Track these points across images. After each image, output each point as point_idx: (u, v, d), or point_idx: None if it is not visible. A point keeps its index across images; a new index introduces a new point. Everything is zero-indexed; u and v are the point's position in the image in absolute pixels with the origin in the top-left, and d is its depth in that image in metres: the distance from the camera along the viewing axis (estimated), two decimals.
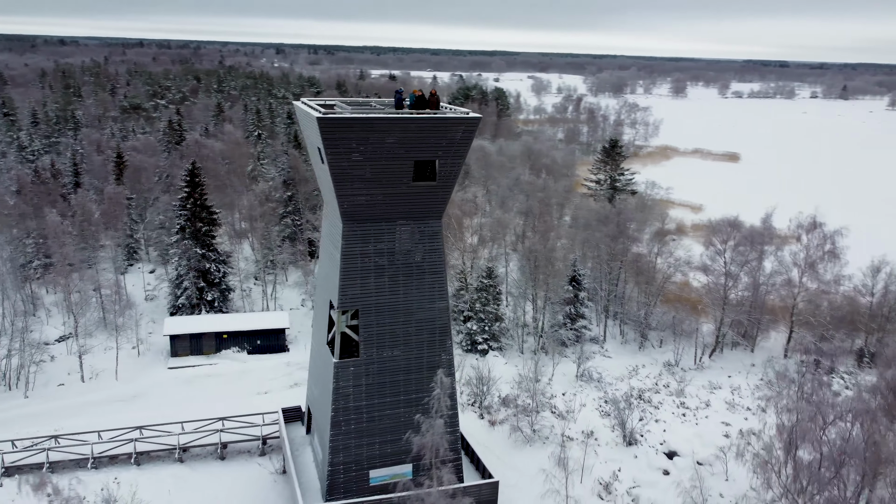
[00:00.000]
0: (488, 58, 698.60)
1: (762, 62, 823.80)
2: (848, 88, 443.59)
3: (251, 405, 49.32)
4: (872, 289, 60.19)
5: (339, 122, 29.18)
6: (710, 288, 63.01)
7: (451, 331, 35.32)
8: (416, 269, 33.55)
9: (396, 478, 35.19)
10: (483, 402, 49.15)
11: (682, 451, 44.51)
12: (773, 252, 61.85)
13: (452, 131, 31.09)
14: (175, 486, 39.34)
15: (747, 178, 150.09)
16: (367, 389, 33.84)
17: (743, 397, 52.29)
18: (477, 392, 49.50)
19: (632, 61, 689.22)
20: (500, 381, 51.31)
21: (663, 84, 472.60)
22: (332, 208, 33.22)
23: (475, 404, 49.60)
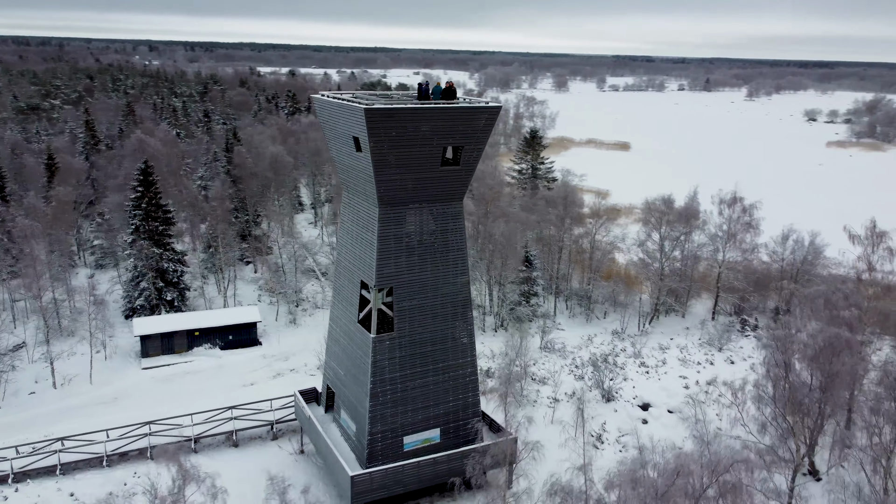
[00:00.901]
0: (372, 54, 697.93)
1: (630, 57, 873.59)
2: (710, 81, 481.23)
3: (241, 396, 50.33)
4: (782, 254, 68.84)
5: (384, 112, 31.66)
6: (647, 262, 69.64)
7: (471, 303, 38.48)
8: (441, 248, 36.51)
9: (427, 442, 38.15)
10: None
11: (654, 403, 50.11)
12: (700, 226, 69.12)
13: (477, 119, 34.31)
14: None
15: (642, 164, 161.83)
16: (400, 361, 36.46)
17: (691, 354, 58.84)
18: None
19: (512, 57, 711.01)
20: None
21: (544, 79, 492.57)
22: (362, 194, 35.47)
23: None
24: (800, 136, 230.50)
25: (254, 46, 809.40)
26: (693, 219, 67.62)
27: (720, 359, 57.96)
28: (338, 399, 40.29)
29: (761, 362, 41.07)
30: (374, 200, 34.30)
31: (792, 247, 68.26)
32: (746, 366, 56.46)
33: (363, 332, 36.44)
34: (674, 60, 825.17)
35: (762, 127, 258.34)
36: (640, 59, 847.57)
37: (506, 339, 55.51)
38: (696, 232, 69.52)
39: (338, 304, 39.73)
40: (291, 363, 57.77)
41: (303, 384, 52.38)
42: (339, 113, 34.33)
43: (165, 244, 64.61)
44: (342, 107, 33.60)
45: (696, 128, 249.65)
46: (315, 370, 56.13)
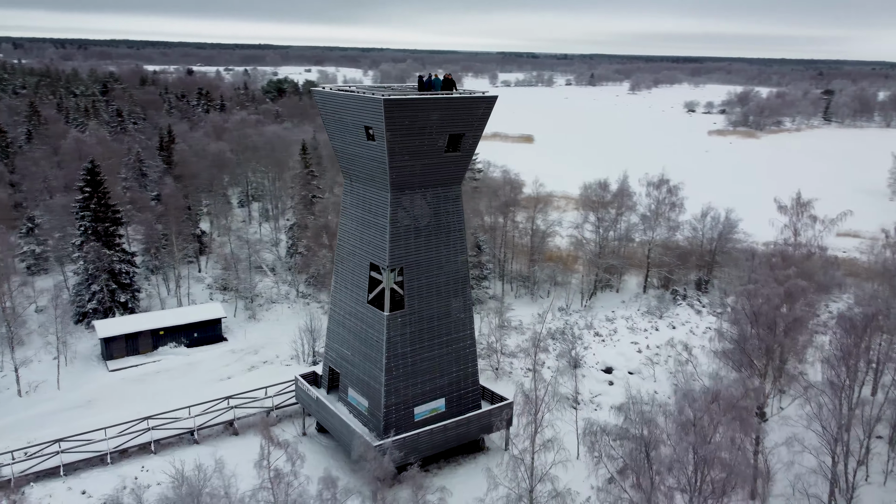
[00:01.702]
0: (260, 51, 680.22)
1: (516, 54, 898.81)
2: (595, 76, 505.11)
3: (221, 390, 50.81)
4: (702, 231, 76.18)
5: (401, 102, 34.02)
6: (584, 242, 75.05)
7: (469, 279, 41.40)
8: (443, 228, 39.25)
9: (434, 412, 40.83)
10: None
11: (615, 367, 55.04)
12: (632, 207, 75.23)
13: (477, 108, 37.30)
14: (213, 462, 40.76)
15: (549, 155, 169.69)
16: (410, 337, 38.92)
17: (637, 323, 64.50)
18: None
19: (403, 54, 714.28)
20: None
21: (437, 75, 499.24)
22: (371, 181, 37.55)
23: None
24: (685, 126, 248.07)
25: (130, 44, 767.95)
26: (627, 199, 73.53)
27: (662, 325, 63.91)
28: (344, 379, 42.12)
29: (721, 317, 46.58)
30: (385, 186, 36.53)
31: (710, 223, 75.72)
32: (686, 330, 62.68)
33: (375, 311, 38.58)
34: (557, 56, 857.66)
35: (649, 118, 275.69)
36: (525, 55, 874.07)
37: (501, 312, 58.70)
38: (628, 212, 75.60)
39: (342, 289, 41.52)
40: (262, 356, 58.48)
41: (280, 374, 53.65)
42: (349, 104, 36.25)
43: (116, 245, 63.19)
44: (355, 98, 35.59)
45: (590, 119, 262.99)
46: (290, 360, 57.25)
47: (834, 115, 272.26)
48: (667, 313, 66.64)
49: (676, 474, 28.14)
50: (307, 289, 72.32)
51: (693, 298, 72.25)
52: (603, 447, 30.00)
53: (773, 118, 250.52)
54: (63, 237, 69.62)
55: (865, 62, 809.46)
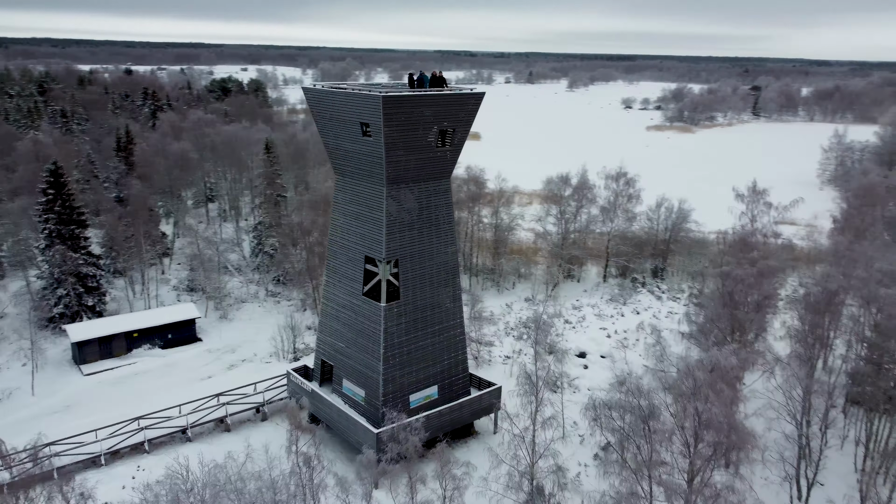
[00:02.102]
0: (193, 50, 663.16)
1: (454, 52, 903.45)
2: (533, 74, 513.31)
3: (203, 389, 50.88)
4: (657, 221, 79.76)
5: (398, 99, 35.21)
6: (547, 235, 77.53)
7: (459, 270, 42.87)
8: (434, 221, 40.62)
9: (428, 398, 42.21)
10: None
11: (588, 351, 57.50)
12: (592, 199, 78.07)
13: (466, 104, 38.81)
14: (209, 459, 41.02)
15: (498, 151, 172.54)
16: (405, 326, 40.17)
17: (603, 310, 67.27)
18: None
19: (341, 52, 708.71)
20: None
21: (377, 74, 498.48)
22: (366, 176, 38.55)
23: None
24: (624, 122, 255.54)
25: (54, 42, 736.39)
26: (587, 192, 76.31)
27: (627, 311, 66.87)
28: (338, 371, 42.99)
29: (689, 300, 49.43)
30: (381, 181, 37.64)
31: (665, 213, 79.37)
32: (649, 315, 65.80)
33: (371, 303, 39.64)
34: (495, 55, 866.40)
35: (589, 114, 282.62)
36: (463, 53, 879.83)
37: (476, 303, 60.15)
38: (588, 204, 78.44)
39: (335, 283, 42.37)
40: (240, 354, 58.53)
41: (261, 371, 54.05)
42: (344, 101, 37.18)
43: (82, 248, 62.00)
44: (352, 96, 36.57)
45: (533, 116, 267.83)
46: (269, 357, 57.53)
47: (762, 110, 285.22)
48: (630, 300, 69.68)
49: (671, 441, 30.42)
50: (276, 287, 72.38)
51: (652, 285, 75.64)
52: (603, 419, 31.90)
53: (706, 114, 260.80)
54: (19, 241, 67.67)
55: (786, 59, 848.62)
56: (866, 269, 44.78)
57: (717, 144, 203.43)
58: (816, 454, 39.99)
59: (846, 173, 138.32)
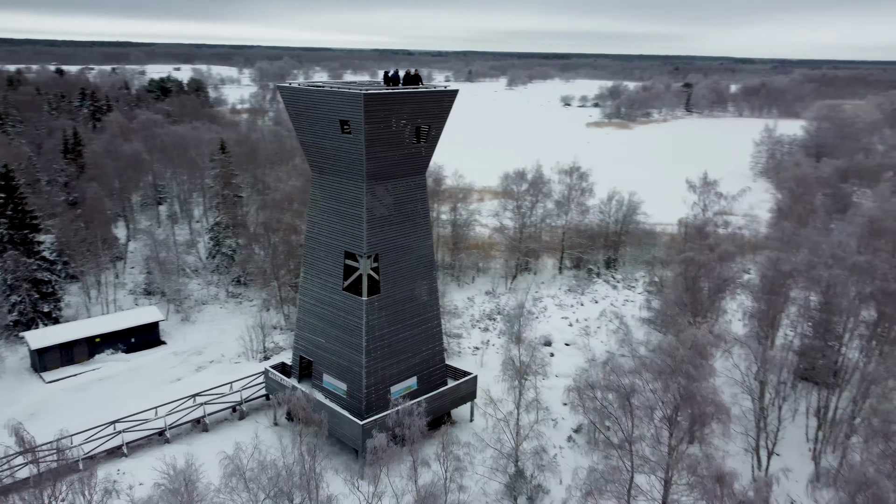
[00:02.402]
0: (122, 49, 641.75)
1: (392, 51, 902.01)
2: (473, 72, 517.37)
3: (175, 391, 50.44)
4: (609, 213, 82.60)
5: (379, 96, 35.99)
6: (504, 229, 79.33)
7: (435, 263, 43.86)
8: (411, 215, 41.54)
9: (408, 389, 43.11)
10: None
11: (553, 339, 59.42)
12: (547, 194, 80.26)
13: (441, 101, 39.89)
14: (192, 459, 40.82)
15: (445, 148, 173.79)
16: (386, 320, 40.97)
17: (563, 300, 69.43)
18: None
19: (276, 51, 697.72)
20: None
21: (315, 73, 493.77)
22: (345, 173, 39.13)
23: None
24: (564, 119, 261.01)
25: None
26: (542, 186, 78.45)
27: (586, 300, 69.24)
28: (317, 367, 43.42)
29: (649, 288, 51.77)
30: (360, 177, 38.32)
31: (616, 206, 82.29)
32: (607, 303, 68.31)
33: (352, 297, 40.28)
34: (433, 53, 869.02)
35: (529, 112, 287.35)
36: (401, 52, 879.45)
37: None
38: (543, 199, 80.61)
39: (313, 280, 42.77)
40: (207, 356, 58.07)
41: (232, 371, 53.89)
42: (325, 100, 37.70)
43: (36, 253, 60.25)
44: (332, 93, 37.13)
45: (475, 114, 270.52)
46: (238, 357, 57.29)
47: (694, 106, 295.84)
48: (587, 290, 72.12)
49: (652, 416, 32.32)
50: (237, 288, 71.79)
51: (607, 275, 78.39)
52: (587, 400, 33.54)
53: (643, 110, 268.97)
54: None
55: (713, 57, 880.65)
56: (812, 252, 48.07)
57: (654, 139, 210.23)
58: (773, 427, 42.78)
59: (777, 165, 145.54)
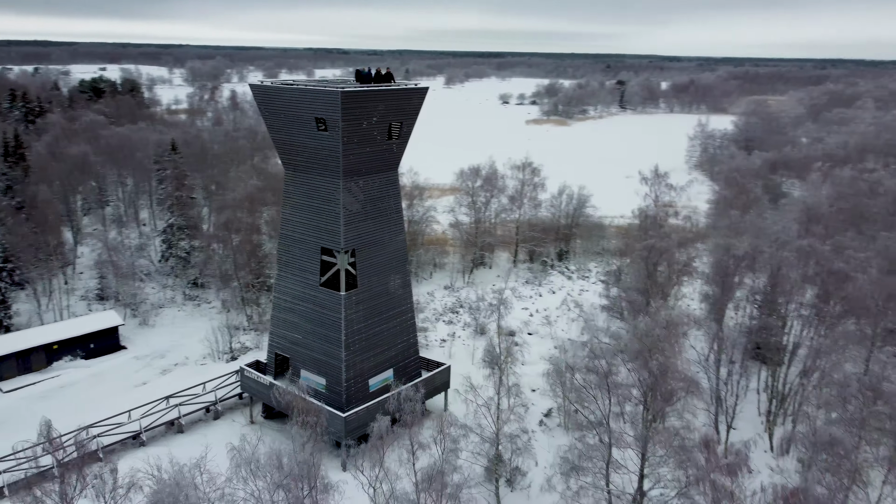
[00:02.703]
0: (43, 49, 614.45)
1: (325, 50, 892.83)
2: (410, 71, 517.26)
3: (143, 395, 49.84)
4: (560, 207, 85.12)
5: (356, 94, 36.72)
6: (461, 225, 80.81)
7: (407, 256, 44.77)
8: (385, 210, 42.40)
9: (385, 381, 43.98)
10: None
11: (516, 330, 61.14)
12: (501, 189, 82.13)
13: (413, 98, 40.88)
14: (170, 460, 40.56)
15: None
16: (363, 313, 41.72)
17: (522, 291, 71.37)
18: None
19: (207, 51, 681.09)
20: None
21: (249, 73, 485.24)
22: (321, 170, 39.64)
23: None
24: (504, 117, 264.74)
25: None
26: (496, 182, 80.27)
27: (544, 291, 71.39)
28: (295, 362, 43.78)
29: (608, 277, 54.11)
30: (337, 173, 38.95)
31: (566, 200, 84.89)
32: (564, 293, 70.60)
33: (329, 292, 40.86)
34: (368, 52, 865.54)
35: (469, 110, 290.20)
36: (335, 51, 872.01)
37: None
38: (498, 194, 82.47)
39: (289, 278, 43.07)
40: (171, 359, 57.36)
41: (200, 373, 53.55)
42: (300, 98, 38.13)
43: None
44: (309, 91, 37.63)
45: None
46: (203, 359, 56.83)
47: (628, 102, 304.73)
48: (544, 281, 74.34)
49: (630, 393, 34.29)
50: (193, 291, 70.86)
51: (562, 266, 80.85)
52: (566, 380, 35.23)
53: (579, 107, 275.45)
54: None
55: (642, 55, 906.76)
56: (757, 238, 51.29)
57: (592, 136, 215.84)
58: (730, 403, 45.58)
59: (711, 158, 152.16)
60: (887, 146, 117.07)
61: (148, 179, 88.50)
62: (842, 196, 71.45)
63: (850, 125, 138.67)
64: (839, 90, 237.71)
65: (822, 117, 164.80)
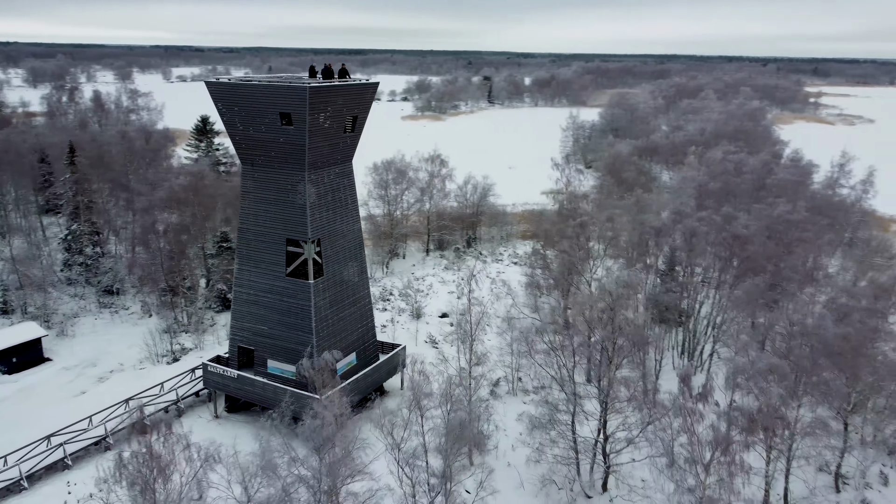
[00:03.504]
0: None
1: (177, 47, 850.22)
2: (273, 69, 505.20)
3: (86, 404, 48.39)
4: (466, 196, 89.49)
5: (322, 90, 38.46)
6: (374, 218, 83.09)
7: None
8: (342, 201, 44.30)
9: (349, 365, 45.99)
10: None
11: (448, 312, 64.66)
12: (413, 182, 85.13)
13: (367, 93, 43.09)
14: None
15: None
16: (329, 300, 43.48)
17: (443, 277, 74.92)
18: None
19: (44, 49, 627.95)
20: None
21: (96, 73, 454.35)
22: (283, 164, 40.89)
23: None
24: (379, 113, 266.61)
25: None
26: (409, 174, 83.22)
27: (465, 275, 75.25)
28: (260, 354, 44.62)
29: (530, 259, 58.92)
30: (302, 166, 40.45)
31: (471, 189, 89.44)
32: (484, 275, 74.91)
33: (297, 282, 42.25)
34: (224, 50, 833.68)
35: None
36: (188, 49, 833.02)
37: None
38: (409, 185, 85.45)
39: (251, 271, 43.79)
40: (104, 367, 55.65)
41: (141, 378, 52.58)
42: (265, 94, 39.23)
43: None
44: (275, 87, 38.85)
45: None
46: (141, 363, 55.66)
47: (496, 97, 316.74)
48: (462, 267, 78.37)
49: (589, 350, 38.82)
50: (107, 298, 68.29)
51: (475, 252, 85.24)
52: (534, 343, 39.14)
53: (451, 102, 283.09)
54: None
55: (500, 52, 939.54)
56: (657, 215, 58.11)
57: (467, 130, 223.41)
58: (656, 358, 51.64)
59: (583, 147, 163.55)
60: (735, 132, 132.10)
61: (34, 185, 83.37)
62: (714, 175, 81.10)
63: (701, 114, 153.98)
64: (684, 83, 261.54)
65: (674, 107, 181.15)
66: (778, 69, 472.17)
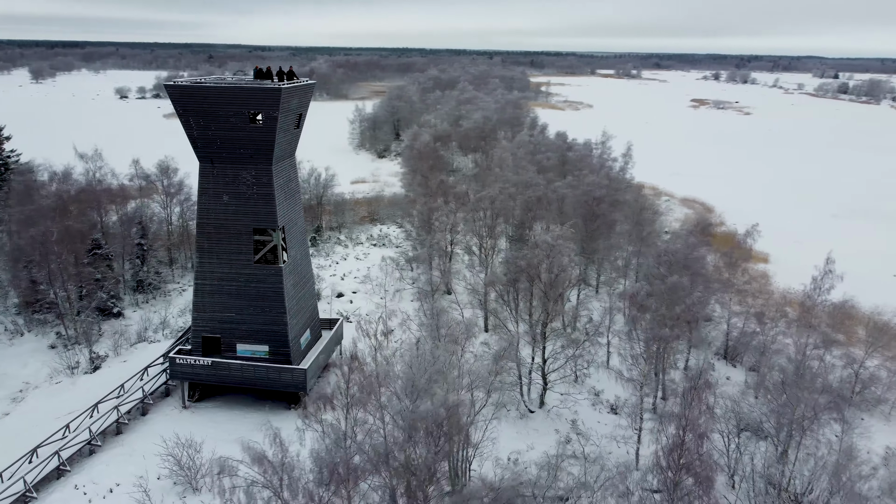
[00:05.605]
0: None
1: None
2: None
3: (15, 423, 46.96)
4: (310, 188, 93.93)
5: (291, 90, 42.86)
6: None
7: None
8: (293, 191, 48.64)
9: (307, 340, 50.66)
10: None
11: (343, 291, 70.14)
12: None
13: (310, 92, 47.89)
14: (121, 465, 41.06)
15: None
16: (292, 282, 47.81)
17: (319, 263, 79.53)
18: None
19: None
20: None
21: None
22: (248, 159, 44.17)
23: None
24: (137, 113, 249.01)
25: None
26: None
27: (338, 259, 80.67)
28: (227, 340, 47.21)
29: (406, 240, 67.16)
30: (268, 161, 44.27)
31: (314, 180, 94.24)
32: (353, 256, 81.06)
33: (267, 267, 45.94)
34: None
35: (92, 108, 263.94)
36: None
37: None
38: None
39: (215, 262, 46.07)
40: (9, 389, 52.59)
41: (63, 392, 51.52)
42: (232, 94, 42.32)
43: None
44: (245, 88, 42.18)
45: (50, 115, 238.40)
46: (60, 377, 53.76)
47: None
48: (331, 252, 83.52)
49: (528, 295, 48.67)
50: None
51: (337, 237, 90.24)
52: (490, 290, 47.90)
53: None
54: None
55: (235, 45, 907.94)
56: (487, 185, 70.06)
57: None
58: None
59: (371, 137, 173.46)
60: (511, 118, 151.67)
61: None
62: (526, 153, 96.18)
63: (477, 103, 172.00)
64: (439, 75, 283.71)
65: (447, 97, 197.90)
66: (502, 62, 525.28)
